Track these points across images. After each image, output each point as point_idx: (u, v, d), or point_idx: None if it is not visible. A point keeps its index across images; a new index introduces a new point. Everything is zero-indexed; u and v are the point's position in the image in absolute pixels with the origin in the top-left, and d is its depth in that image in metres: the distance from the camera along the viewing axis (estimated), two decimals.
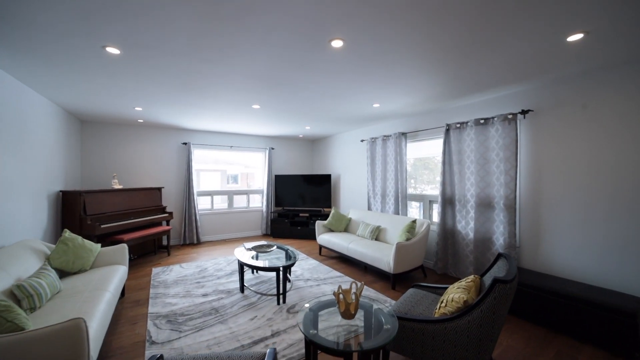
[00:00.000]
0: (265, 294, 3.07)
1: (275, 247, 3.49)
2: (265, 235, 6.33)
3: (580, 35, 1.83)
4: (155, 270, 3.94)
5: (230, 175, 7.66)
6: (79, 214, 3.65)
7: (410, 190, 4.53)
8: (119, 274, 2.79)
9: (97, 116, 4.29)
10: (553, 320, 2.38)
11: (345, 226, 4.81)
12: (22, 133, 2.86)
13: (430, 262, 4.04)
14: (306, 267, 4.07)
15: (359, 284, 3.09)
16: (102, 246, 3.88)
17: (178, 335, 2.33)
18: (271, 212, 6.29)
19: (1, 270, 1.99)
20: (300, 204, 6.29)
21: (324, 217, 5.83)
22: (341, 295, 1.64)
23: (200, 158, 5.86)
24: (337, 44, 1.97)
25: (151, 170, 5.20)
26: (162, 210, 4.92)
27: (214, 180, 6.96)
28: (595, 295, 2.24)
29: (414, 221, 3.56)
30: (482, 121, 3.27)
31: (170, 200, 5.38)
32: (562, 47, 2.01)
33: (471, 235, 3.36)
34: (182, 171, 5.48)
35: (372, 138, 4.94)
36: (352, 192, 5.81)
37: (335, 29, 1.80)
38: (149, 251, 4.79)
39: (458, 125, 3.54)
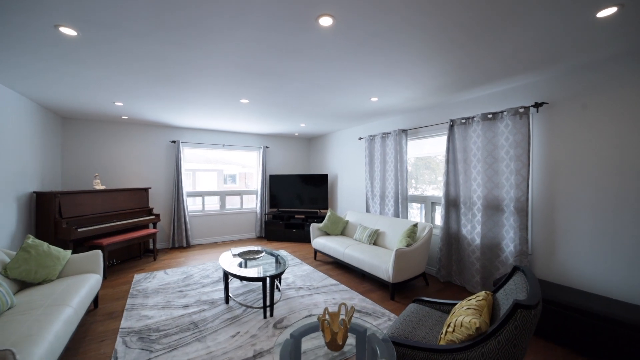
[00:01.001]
0: (250, 306, 2.80)
1: (264, 252, 3.21)
2: (259, 238, 6.06)
3: (614, 9, 1.55)
4: (137, 277, 3.67)
5: (227, 175, 7.37)
6: (54, 216, 3.39)
7: (411, 191, 4.25)
8: (89, 284, 2.53)
9: (77, 112, 4.02)
10: (574, 339, 2.09)
11: (341, 229, 4.53)
12: None
13: (432, 269, 3.76)
14: (299, 273, 3.79)
15: (349, 306, 2.81)
16: (79, 252, 3.65)
17: (148, 356, 2.06)
18: (265, 214, 6.02)
19: None
20: (296, 205, 6.02)
21: (321, 219, 5.55)
22: (327, 320, 1.36)
23: (193, 157, 5.59)
24: (326, 21, 1.69)
25: (138, 170, 4.93)
26: (149, 212, 4.66)
27: (211, 180, 6.68)
28: (622, 312, 1.95)
29: (415, 225, 3.28)
30: (490, 116, 2.98)
31: (159, 202, 5.11)
32: (589, 25, 1.72)
33: (478, 240, 3.07)
34: (171, 171, 5.21)
35: (371, 136, 4.66)
36: (350, 193, 5.53)
37: (323, 1, 1.52)
38: (134, 255, 4.52)
39: (463, 121, 3.25)
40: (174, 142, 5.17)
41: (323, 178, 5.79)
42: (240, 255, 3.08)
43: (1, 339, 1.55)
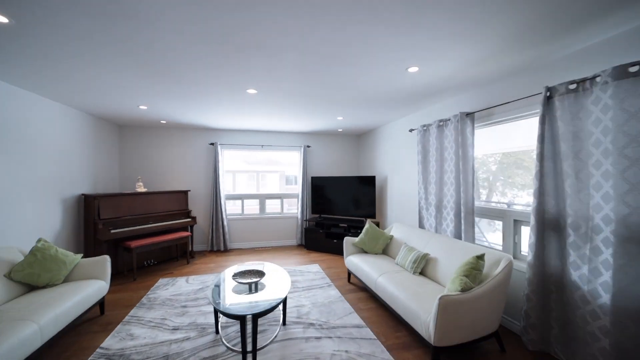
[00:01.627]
0: (232, 349, 2.21)
1: (264, 275, 2.59)
2: (299, 246, 5.55)
3: None
4: (160, 281, 3.61)
5: (285, 176, 7.17)
6: (93, 218, 3.61)
7: (481, 203, 2.96)
8: (86, 292, 2.44)
9: (125, 120, 4.31)
10: None
11: (383, 247, 3.56)
12: (22, 138, 2.81)
13: (515, 325, 2.43)
14: (320, 300, 3.05)
15: None
16: (114, 252, 3.83)
17: None
18: (306, 220, 5.46)
19: None
20: (340, 211, 5.26)
21: None
22: None
23: (234, 159, 5.51)
24: None
25: (180, 173, 5.08)
26: (187, 214, 4.70)
27: (253, 183, 6.60)
28: None
29: (481, 257, 2.11)
30: (632, 71, 1.60)
31: (199, 204, 5.16)
32: None
33: (605, 297, 1.71)
34: (209, 173, 5.22)
35: (424, 125, 3.52)
36: (401, 200, 4.43)
37: None
38: (173, 257, 4.62)
39: (573, 87, 1.91)
40: (212, 144, 5.15)
41: (370, 181, 4.86)
42: (236, 276, 2.55)
43: None
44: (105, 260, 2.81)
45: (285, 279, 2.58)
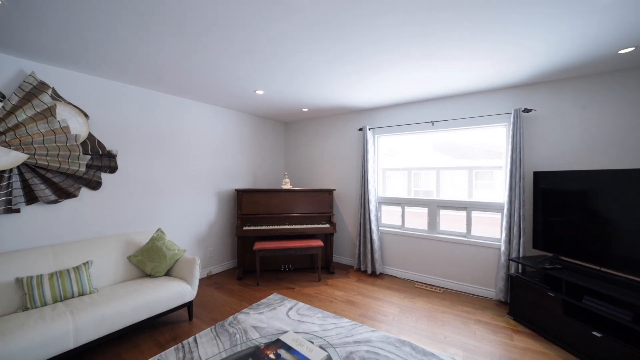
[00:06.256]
0: None
1: None
2: (498, 305, 2.88)
3: None
4: (271, 298, 2.99)
5: (474, 172, 4.54)
6: (237, 211, 3.71)
7: None
8: (154, 296, 2.23)
9: (277, 114, 4.25)
10: None
11: None
12: (178, 139, 3.28)
13: None
14: None
15: None
16: (246, 249, 3.72)
17: None
18: (517, 260, 2.70)
19: (55, 257, 2.16)
20: (617, 257, 2.05)
21: None
22: None
23: (397, 148, 3.96)
24: None
25: (327, 169, 4.34)
26: (327, 219, 3.86)
27: (424, 182, 4.52)
28: None
29: None
30: None
31: (348, 207, 4.14)
32: None
33: None
34: (359, 168, 4.02)
35: None
36: None
37: None
38: (315, 266, 3.96)
39: None
40: (360, 129, 3.92)
41: None
42: None
43: None
44: (194, 262, 2.55)
45: None
